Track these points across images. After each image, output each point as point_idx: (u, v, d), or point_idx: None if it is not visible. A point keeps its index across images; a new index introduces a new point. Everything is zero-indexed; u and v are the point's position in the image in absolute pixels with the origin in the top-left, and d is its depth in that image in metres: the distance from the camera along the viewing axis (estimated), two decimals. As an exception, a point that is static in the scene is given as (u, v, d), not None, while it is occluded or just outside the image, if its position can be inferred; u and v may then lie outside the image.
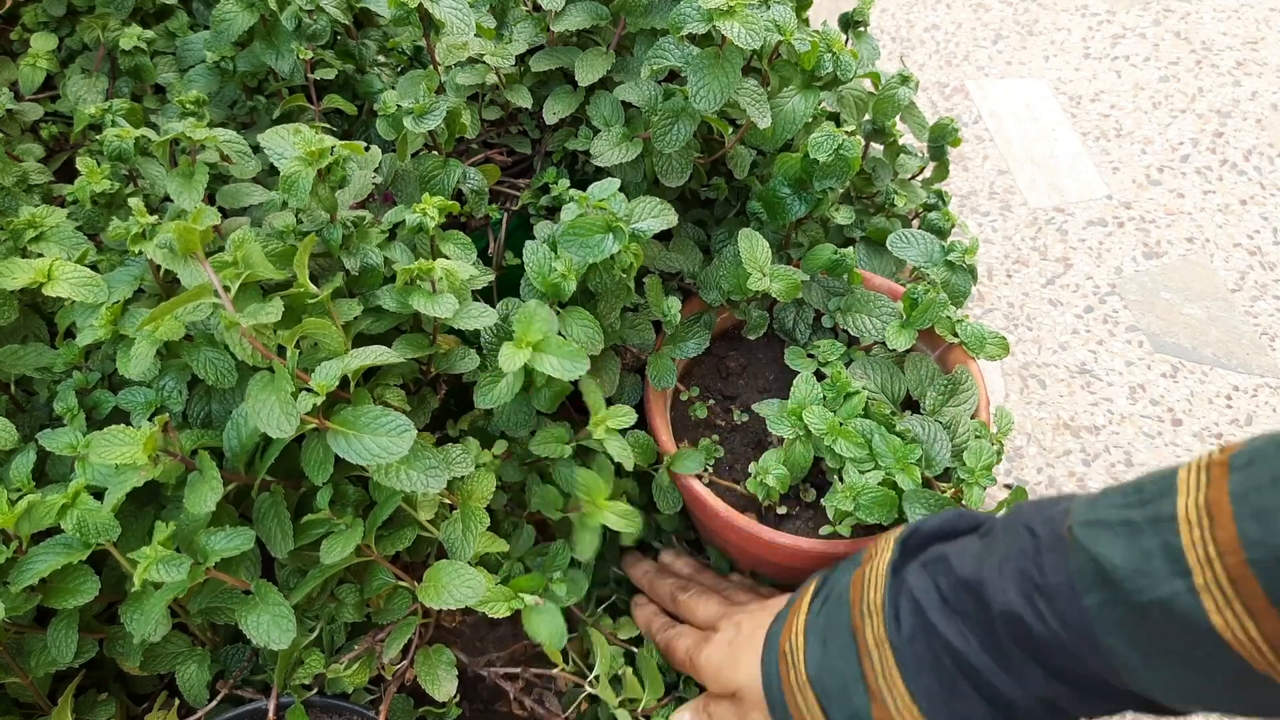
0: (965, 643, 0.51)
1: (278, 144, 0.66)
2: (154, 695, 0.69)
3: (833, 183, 0.73)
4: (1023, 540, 0.51)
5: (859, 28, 0.83)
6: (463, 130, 0.75)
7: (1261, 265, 1.27)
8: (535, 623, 0.62)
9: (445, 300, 0.63)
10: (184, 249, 0.58)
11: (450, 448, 0.67)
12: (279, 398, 0.56)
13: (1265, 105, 1.37)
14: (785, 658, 0.60)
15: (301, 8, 0.77)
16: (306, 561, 0.64)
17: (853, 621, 0.57)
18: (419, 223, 0.66)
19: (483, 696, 0.83)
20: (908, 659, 0.53)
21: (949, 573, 0.54)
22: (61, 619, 0.60)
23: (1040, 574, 0.48)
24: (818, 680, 0.57)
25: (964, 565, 0.53)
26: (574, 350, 0.63)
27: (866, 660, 0.55)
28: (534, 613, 0.63)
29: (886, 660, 0.54)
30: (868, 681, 0.55)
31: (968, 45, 1.52)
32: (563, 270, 0.67)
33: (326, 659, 0.67)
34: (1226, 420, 1.10)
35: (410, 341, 0.68)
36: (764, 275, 0.74)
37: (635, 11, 0.80)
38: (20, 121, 0.86)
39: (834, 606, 0.59)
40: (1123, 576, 0.44)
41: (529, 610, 0.62)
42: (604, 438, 0.67)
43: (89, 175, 0.68)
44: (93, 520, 0.56)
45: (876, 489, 0.67)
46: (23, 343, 0.69)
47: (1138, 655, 0.44)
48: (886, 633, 0.54)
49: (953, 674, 0.52)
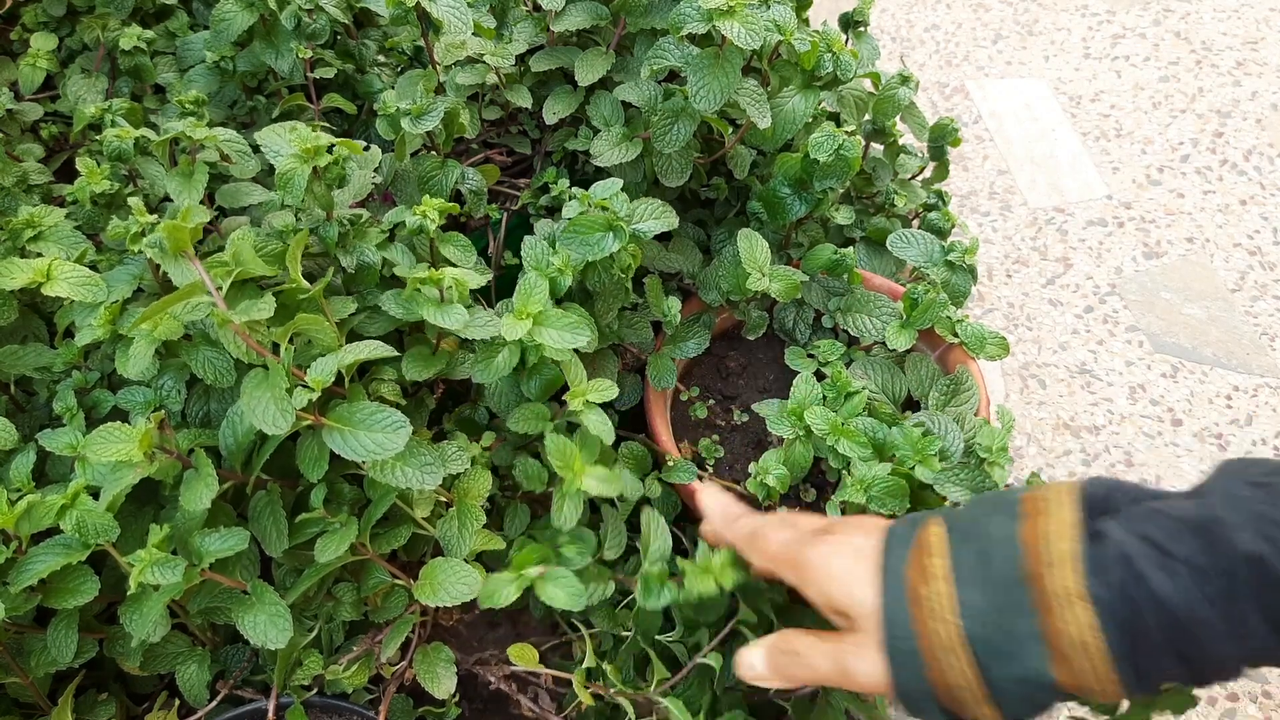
0: (1184, 594, 0.46)
1: (275, 141, 0.66)
2: (154, 695, 0.69)
3: (833, 183, 0.73)
4: (1247, 490, 0.47)
5: (859, 28, 0.83)
6: (462, 130, 0.75)
7: (1261, 265, 1.27)
8: (549, 590, 0.59)
9: (455, 311, 0.63)
10: (174, 247, 0.58)
11: (446, 444, 0.67)
12: (273, 394, 0.56)
13: (1265, 105, 1.36)
14: (922, 603, 0.51)
15: (301, 7, 0.77)
16: (303, 560, 0.64)
17: (1027, 569, 0.50)
18: (419, 225, 0.66)
19: (482, 696, 0.83)
20: (1110, 612, 0.47)
21: (1166, 519, 0.48)
22: (61, 619, 0.60)
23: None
24: (978, 635, 0.49)
25: (1186, 511, 0.48)
26: (573, 322, 0.63)
27: (1047, 615, 0.49)
28: (545, 581, 0.60)
29: (1080, 615, 0.48)
30: (1048, 640, 0.48)
31: (968, 45, 1.52)
32: (560, 265, 0.67)
33: (325, 658, 0.67)
34: (1226, 420, 1.09)
35: (418, 356, 0.68)
36: (763, 275, 0.74)
37: (635, 11, 0.80)
38: (20, 121, 0.86)
39: (994, 552, 0.51)
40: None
41: (539, 581, 0.60)
42: (582, 410, 0.65)
43: (89, 175, 0.68)
44: (92, 521, 0.56)
45: (888, 479, 0.67)
46: (22, 343, 0.69)
47: None
48: (1086, 584, 0.48)
49: (1154, 630, 0.47)
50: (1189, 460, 1.02)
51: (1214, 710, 0.84)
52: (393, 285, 0.71)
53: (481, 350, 0.67)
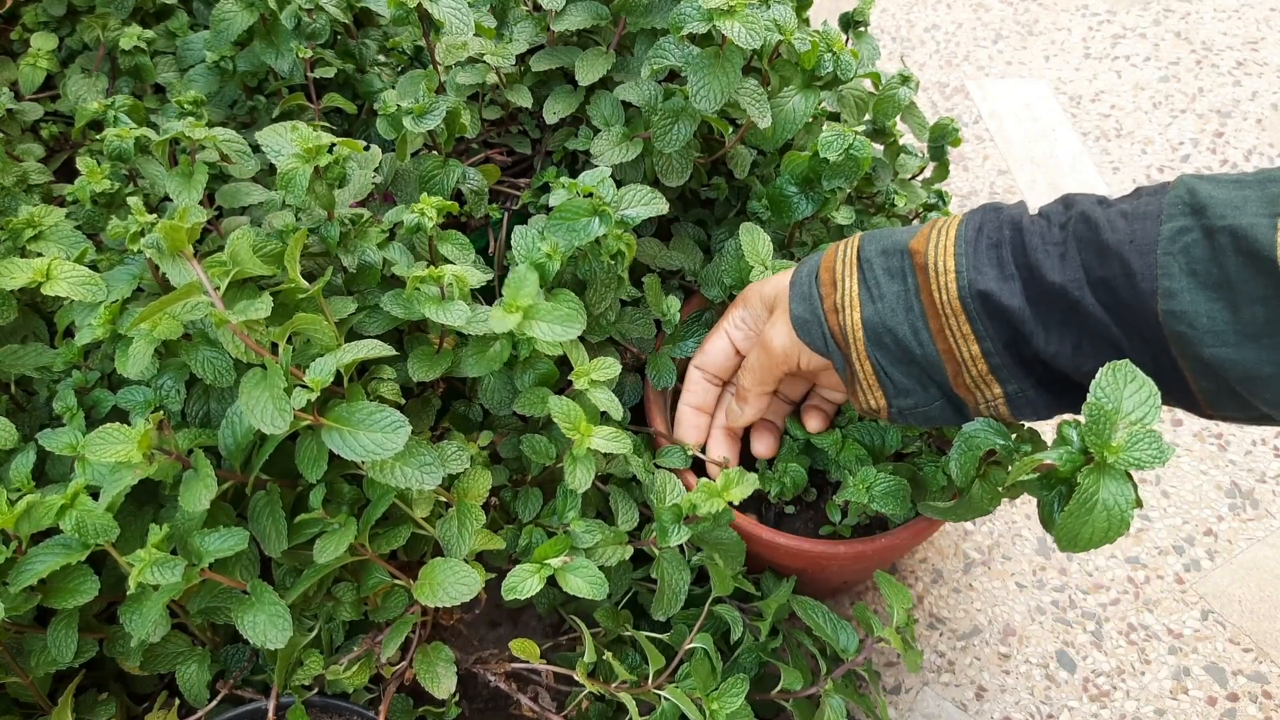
0: (1031, 222, 0.55)
1: (275, 141, 0.66)
2: (154, 695, 0.69)
3: (841, 183, 0.73)
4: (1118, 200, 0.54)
5: (859, 27, 0.83)
6: (462, 130, 0.75)
7: (1262, 265, 1.27)
8: (572, 581, 0.62)
9: (456, 308, 0.63)
10: (171, 247, 0.58)
11: (445, 444, 0.67)
12: (272, 394, 0.56)
13: (1265, 105, 1.36)
14: (821, 271, 0.62)
15: (301, 6, 0.77)
16: (302, 561, 0.64)
17: (911, 244, 0.59)
18: (417, 223, 0.66)
19: (482, 696, 0.83)
20: (964, 223, 0.57)
21: (1025, 212, 0.57)
22: (61, 619, 0.60)
23: (1133, 201, 0.51)
24: (866, 255, 0.60)
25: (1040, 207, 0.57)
26: (564, 314, 0.63)
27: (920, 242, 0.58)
28: (567, 572, 0.62)
29: (944, 237, 0.57)
30: (913, 244, 0.58)
31: (968, 45, 1.52)
32: (548, 250, 0.67)
33: (325, 658, 0.67)
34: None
35: (422, 356, 0.68)
36: (766, 268, 0.74)
37: (635, 11, 0.80)
38: (20, 121, 0.86)
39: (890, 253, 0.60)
40: (1212, 205, 0.47)
41: (561, 572, 0.62)
42: (587, 388, 0.66)
43: (89, 175, 0.68)
44: (91, 521, 0.56)
45: (889, 479, 0.67)
46: (22, 342, 0.69)
47: (1187, 281, 0.48)
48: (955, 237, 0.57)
49: (999, 240, 0.55)
50: (1188, 460, 1.02)
51: (1214, 710, 0.84)
52: (393, 285, 0.71)
53: (474, 344, 0.67)
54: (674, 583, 0.69)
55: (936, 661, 0.89)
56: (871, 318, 0.57)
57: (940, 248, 0.56)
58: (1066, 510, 0.47)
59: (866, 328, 0.57)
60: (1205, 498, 0.99)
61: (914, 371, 0.57)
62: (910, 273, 0.57)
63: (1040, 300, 0.53)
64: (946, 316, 0.55)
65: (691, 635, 0.69)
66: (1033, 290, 0.53)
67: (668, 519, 0.64)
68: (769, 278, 0.69)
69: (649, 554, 0.70)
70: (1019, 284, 0.53)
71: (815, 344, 0.61)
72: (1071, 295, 0.51)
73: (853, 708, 0.81)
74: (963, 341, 0.55)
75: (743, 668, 0.73)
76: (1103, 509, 0.47)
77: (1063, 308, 0.52)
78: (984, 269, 0.54)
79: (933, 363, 0.56)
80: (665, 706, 0.66)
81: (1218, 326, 0.47)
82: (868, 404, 0.60)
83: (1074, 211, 0.53)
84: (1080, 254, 0.51)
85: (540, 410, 0.67)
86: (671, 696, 0.65)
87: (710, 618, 0.72)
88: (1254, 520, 0.97)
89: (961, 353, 0.55)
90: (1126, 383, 0.48)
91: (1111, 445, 0.46)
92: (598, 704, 0.73)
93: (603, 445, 0.64)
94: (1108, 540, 0.47)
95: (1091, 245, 0.51)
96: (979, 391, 0.56)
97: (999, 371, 0.55)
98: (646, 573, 0.77)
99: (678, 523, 0.64)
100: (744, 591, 0.74)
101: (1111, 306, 0.50)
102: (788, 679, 0.69)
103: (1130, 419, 0.47)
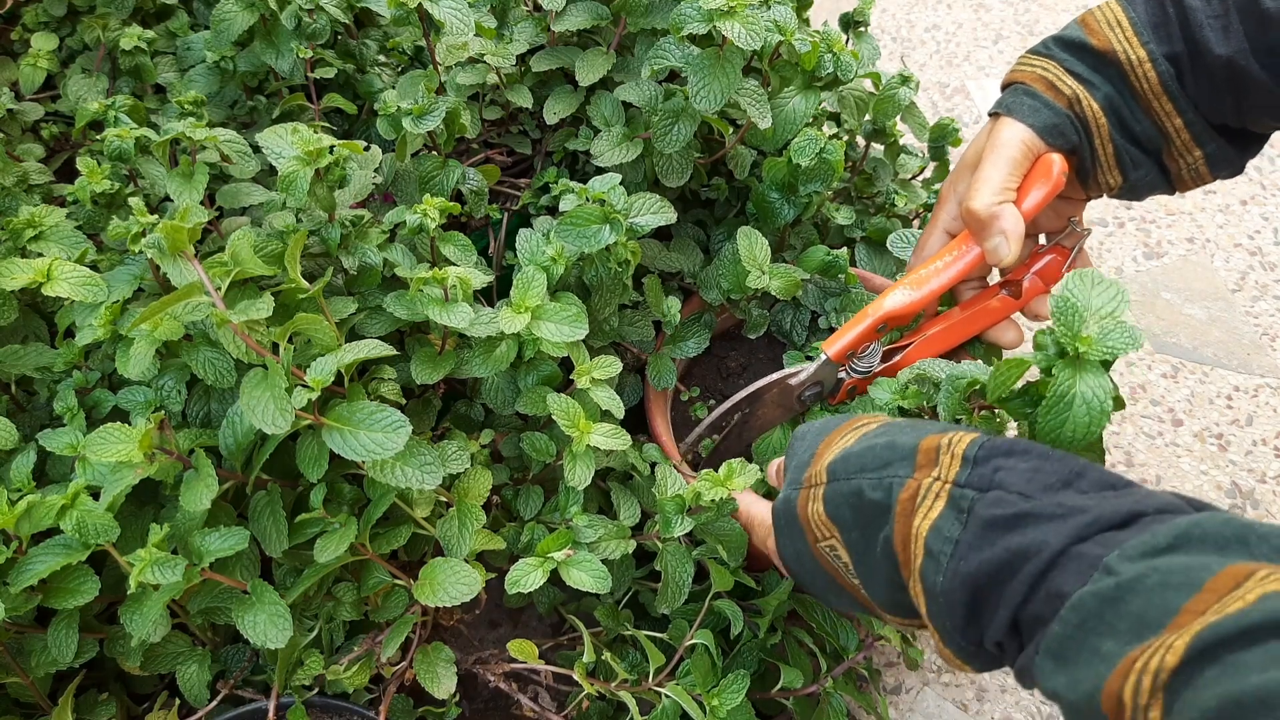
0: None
1: (276, 143, 0.66)
2: (154, 695, 0.69)
3: (818, 186, 0.73)
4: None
5: (859, 28, 0.83)
6: (463, 130, 0.75)
7: (1262, 265, 1.27)
8: (575, 575, 0.63)
9: (460, 310, 0.63)
10: (172, 248, 0.58)
11: (445, 444, 0.67)
12: (273, 394, 0.56)
13: (1266, 105, 1.36)
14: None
15: (301, 7, 0.77)
16: (303, 560, 0.64)
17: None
18: (419, 224, 0.66)
19: (482, 696, 0.83)
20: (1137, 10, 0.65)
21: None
22: (62, 619, 0.60)
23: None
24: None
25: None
26: (571, 315, 0.64)
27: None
28: (571, 566, 0.63)
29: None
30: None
31: (968, 45, 1.52)
32: (554, 254, 0.67)
33: (326, 658, 0.67)
34: (1227, 420, 1.10)
35: (425, 357, 0.68)
36: (763, 272, 0.74)
37: (636, 11, 0.80)
38: (21, 121, 0.86)
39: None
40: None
41: (565, 565, 0.63)
42: (589, 387, 0.67)
43: (89, 175, 0.68)
44: (92, 521, 0.56)
45: None
46: (23, 343, 0.69)
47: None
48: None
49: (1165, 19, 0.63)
50: (1189, 460, 1.02)
51: (1214, 710, 0.84)
52: (394, 286, 0.71)
53: (479, 345, 0.67)
54: (677, 575, 0.69)
55: (937, 661, 0.89)
56: (1104, 103, 0.66)
57: (1125, 39, 0.64)
58: (1044, 406, 0.48)
59: (1108, 113, 0.66)
60: (1206, 498, 0.99)
61: (1137, 149, 0.67)
62: (1119, 78, 0.66)
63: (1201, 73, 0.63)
64: (1151, 99, 0.65)
65: (692, 631, 0.70)
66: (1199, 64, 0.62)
67: (671, 510, 0.65)
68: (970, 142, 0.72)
69: (650, 550, 0.70)
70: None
71: (1067, 140, 0.67)
72: (1238, 64, 0.60)
73: (853, 706, 0.81)
74: (1167, 119, 0.65)
75: (743, 665, 0.73)
76: (1081, 402, 0.48)
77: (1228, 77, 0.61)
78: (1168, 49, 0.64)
79: (1150, 137, 0.66)
80: (666, 704, 0.66)
81: None
82: (1106, 183, 0.68)
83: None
84: (1242, 24, 0.60)
85: (542, 410, 0.67)
86: (672, 694, 0.65)
87: (710, 614, 0.72)
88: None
89: (1167, 126, 0.65)
90: (1094, 284, 0.50)
91: (1084, 337, 0.47)
92: (598, 703, 0.73)
93: (602, 442, 0.64)
94: (1090, 435, 0.48)
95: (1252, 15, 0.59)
96: (1184, 158, 0.66)
97: (1199, 137, 0.65)
98: (647, 571, 0.77)
99: (681, 513, 0.65)
100: (744, 587, 0.75)
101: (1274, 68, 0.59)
102: (788, 676, 0.69)
103: (1100, 313, 0.49)
